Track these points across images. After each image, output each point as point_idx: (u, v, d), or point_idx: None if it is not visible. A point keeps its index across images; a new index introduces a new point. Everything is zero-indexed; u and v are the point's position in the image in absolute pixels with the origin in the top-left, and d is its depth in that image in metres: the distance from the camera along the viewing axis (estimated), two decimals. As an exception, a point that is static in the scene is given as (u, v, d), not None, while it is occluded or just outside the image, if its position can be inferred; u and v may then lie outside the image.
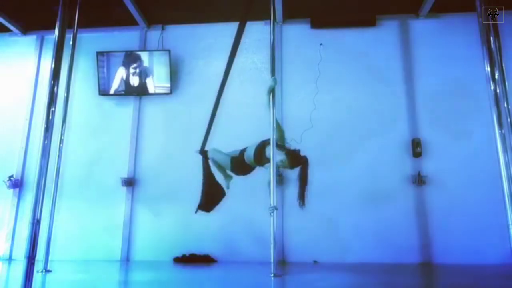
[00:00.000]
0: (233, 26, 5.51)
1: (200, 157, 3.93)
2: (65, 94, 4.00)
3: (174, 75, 5.28)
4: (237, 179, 4.98)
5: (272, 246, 3.44)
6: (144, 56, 5.24)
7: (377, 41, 5.20)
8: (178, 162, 5.03)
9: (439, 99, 4.89)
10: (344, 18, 5.24)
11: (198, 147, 4.03)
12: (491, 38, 2.47)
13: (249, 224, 4.65)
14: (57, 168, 3.90)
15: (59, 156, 3.94)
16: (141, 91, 5.25)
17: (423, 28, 5.18)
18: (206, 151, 3.92)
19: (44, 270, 3.60)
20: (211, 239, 4.72)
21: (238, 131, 5.08)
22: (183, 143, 5.10)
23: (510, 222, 2.21)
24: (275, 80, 3.49)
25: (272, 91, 3.49)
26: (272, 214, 3.32)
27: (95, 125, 5.31)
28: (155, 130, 5.23)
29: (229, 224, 4.73)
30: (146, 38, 5.55)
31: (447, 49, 5.03)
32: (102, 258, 4.74)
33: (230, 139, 5.11)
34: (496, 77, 2.42)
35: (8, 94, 5.50)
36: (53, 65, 2.52)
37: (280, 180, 4.63)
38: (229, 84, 5.27)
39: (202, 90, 5.28)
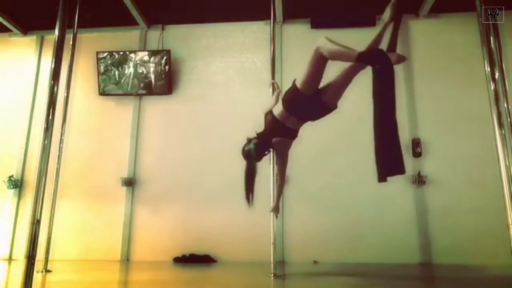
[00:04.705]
0: (233, 26, 5.56)
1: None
2: (65, 94, 4.01)
3: (174, 75, 5.28)
4: (236, 179, 4.99)
5: (272, 246, 3.44)
6: (144, 56, 5.24)
7: (377, 41, 5.19)
8: (178, 162, 5.04)
9: (439, 99, 4.89)
10: (344, 18, 5.24)
11: (198, 147, 4.01)
12: (491, 38, 2.47)
13: (249, 224, 4.65)
14: (57, 168, 3.91)
15: (59, 156, 3.94)
16: (141, 91, 5.25)
17: (423, 28, 5.18)
18: None
19: (44, 270, 3.60)
20: (211, 239, 4.72)
21: (239, 131, 5.08)
22: (183, 143, 5.11)
23: (510, 222, 2.21)
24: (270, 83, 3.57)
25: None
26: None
27: (95, 125, 5.30)
28: (155, 130, 5.23)
29: (229, 224, 4.73)
30: (146, 38, 5.55)
31: (447, 49, 5.03)
32: (102, 258, 4.74)
33: (230, 139, 5.12)
34: (496, 77, 2.42)
35: (8, 94, 5.50)
36: (53, 65, 2.51)
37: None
38: (229, 84, 5.32)
39: (202, 90, 5.28)
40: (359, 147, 4.85)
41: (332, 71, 2.55)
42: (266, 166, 3.42)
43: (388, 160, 2.46)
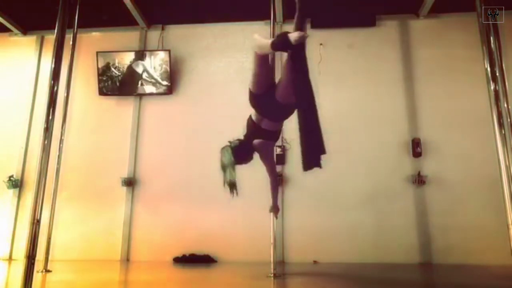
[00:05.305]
0: (233, 26, 5.56)
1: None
2: (65, 94, 4.01)
3: (174, 75, 5.28)
4: (238, 179, 4.99)
5: (272, 246, 3.44)
6: (144, 56, 5.24)
7: (377, 41, 5.20)
8: (178, 162, 5.04)
9: (439, 99, 4.89)
10: (344, 18, 5.23)
11: (198, 147, 3.99)
12: (491, 38, 2.47)
13: (249, 224, 4.65)
14: (57, 168, 3.91)
15: (59, 156, 3.94)
16: (141, 91, 5.25)
17: (423, 28, 5.17)
18: None
19: (44, 270, 3.60)
20: (211, 239, 4.72)
21: (239, 131, 5.08)
22: (183, 143, 5.11)
23: (510, 222, 2.21)
24: None
25: None
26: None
27: (95, 125, 5.30)
28: (155, 130, 5.22)
29: (229, 224, 4.73)
30: (146, 38, 5.55)
31: (447, 49, 5.03)
32: (102, 258, 4.74)
33: (230, 139, 5.11)
34: (496, 77, 2.42)
35: (8, 94, 5.49)
36: (53, 65, 2.52)
37: (280, 180, 4.63)
38: (229, 84, 5.32)
39: (202, 90, 5.28)
40: (358, 146, 4.86)
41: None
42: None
43: (309, 151, 2.49)
